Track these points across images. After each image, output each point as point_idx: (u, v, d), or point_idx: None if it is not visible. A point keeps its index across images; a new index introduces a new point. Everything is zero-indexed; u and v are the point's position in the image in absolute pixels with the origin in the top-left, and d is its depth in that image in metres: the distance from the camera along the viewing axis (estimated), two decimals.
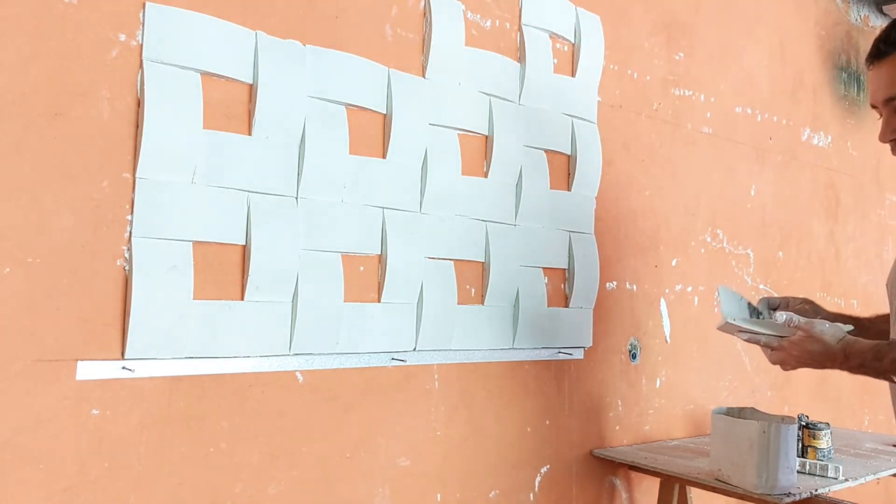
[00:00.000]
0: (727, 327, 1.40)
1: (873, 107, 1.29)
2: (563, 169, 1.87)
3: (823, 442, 1.85)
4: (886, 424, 2.90)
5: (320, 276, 1.42)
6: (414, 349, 1.56)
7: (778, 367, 1.38)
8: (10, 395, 1.12)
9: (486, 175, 1.71)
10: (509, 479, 1.72)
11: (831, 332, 1.30)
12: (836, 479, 1.69)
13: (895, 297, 1.32)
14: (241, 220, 1.34)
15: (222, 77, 1.34)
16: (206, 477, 1.29)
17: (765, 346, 1.37)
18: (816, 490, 1.59)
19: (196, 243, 1.29)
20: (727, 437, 1.61)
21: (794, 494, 1.54)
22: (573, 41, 1.90)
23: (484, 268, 1.69)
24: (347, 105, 1.49)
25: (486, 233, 1.68)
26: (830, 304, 2.68)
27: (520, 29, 1.79)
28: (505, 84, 1.74)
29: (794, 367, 1.35)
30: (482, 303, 1.68)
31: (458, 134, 1.66)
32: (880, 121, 1.27)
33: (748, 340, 1.38)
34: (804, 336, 1.31)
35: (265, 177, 1.37)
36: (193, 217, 1.28)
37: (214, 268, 1.32)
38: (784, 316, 1.33)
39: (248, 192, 1.35)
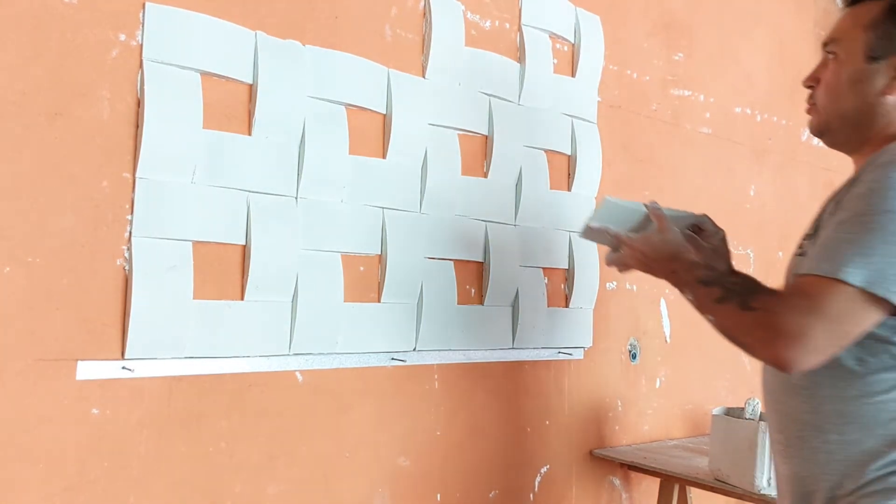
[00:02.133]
0: (592, 233, 1.23)
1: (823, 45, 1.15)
2: (563, 169, 1.87)
3: None
4: None
5: (320, 276, 1.42)
6: (414, 349, 1.56)
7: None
8: (11, 394, 1.12)
9: (485, 175, 1.71)
10: (509, 480, 1.72)
11: (674, 232, 1.12)
12: None
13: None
14: (241, 220, 1.34)
15: (222, 77, 1.34)
16: (206, 477, 1.29)
17: (623, 243, 1.18)
18: None
19: (196, 243, 1.29)
20: (727, 437, 1.61)
21: None
22: (573, 41, 1.90)
23: (484, 268, 1.69)
24: (347, 105, 1.49)
25: (486, 233, 1.68)
26: None
27: (520, 29, 1.79)
28: (505, 84, 1.74)
29: (630, 268, 1.19)
30: (482, 303, 1.68)
31: (458, 134, 1.66)
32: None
33: (614, 237, 1.21)
34: (655, 231, 1.13)
35: (265, 177, 1.37)
36: (193, 217, 1.28)
37: (214, 268, 1.32)
38: (652, 205, 1.15)
39: (248, 192, 1.35)
